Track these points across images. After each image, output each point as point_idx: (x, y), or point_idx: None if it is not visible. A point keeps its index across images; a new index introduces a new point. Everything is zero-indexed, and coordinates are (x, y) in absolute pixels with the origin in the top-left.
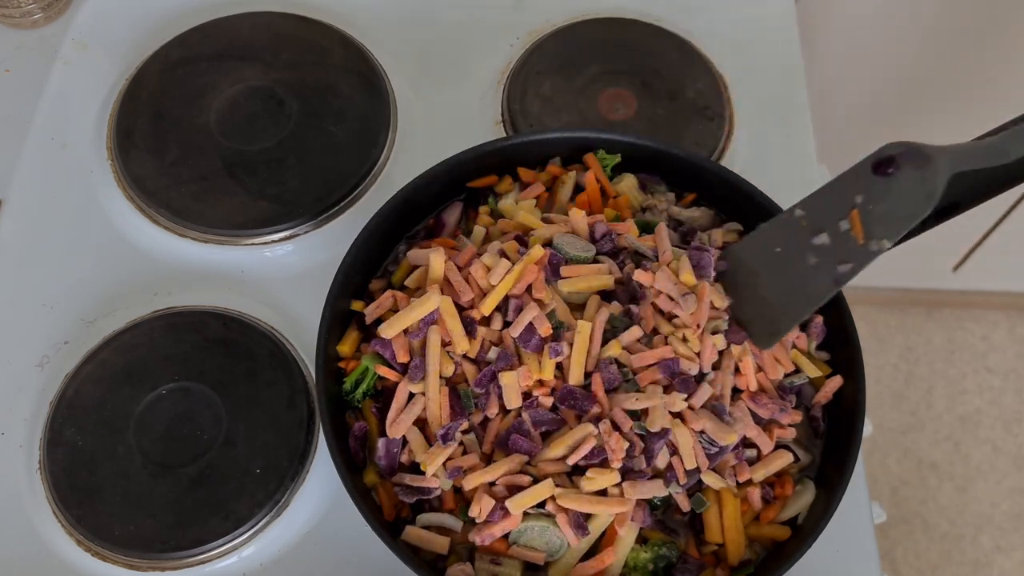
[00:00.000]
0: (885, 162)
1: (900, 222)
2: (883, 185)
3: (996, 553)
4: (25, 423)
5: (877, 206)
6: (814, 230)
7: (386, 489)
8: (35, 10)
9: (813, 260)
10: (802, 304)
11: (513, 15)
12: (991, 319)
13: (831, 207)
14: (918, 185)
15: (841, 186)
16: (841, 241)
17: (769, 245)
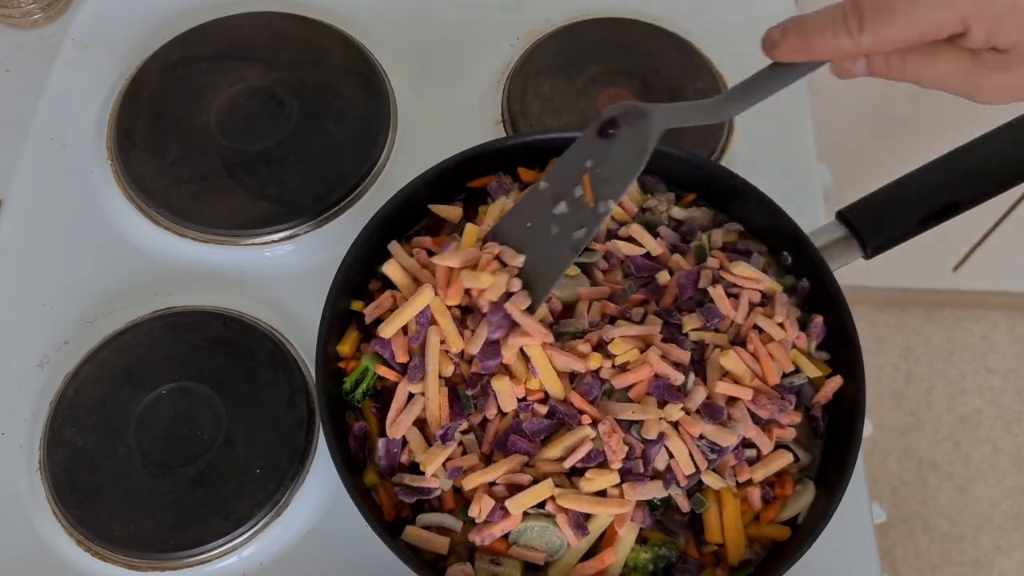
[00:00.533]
0: (608, 123)
1: (621, 180)
2: (607, 147)
3: (996, 553)
4: (25, 423)
5: (603, 168)
6: (556, 199)
7: (386, 489)
8: (35, 10)
9: (556, 230)
10: (549, 275)
11: (513, 15)
12: (991, 319)
13: (568, 176)
14: (633, 142)
15: (575, 153)
16: (577, 207)
17: (523, 221)
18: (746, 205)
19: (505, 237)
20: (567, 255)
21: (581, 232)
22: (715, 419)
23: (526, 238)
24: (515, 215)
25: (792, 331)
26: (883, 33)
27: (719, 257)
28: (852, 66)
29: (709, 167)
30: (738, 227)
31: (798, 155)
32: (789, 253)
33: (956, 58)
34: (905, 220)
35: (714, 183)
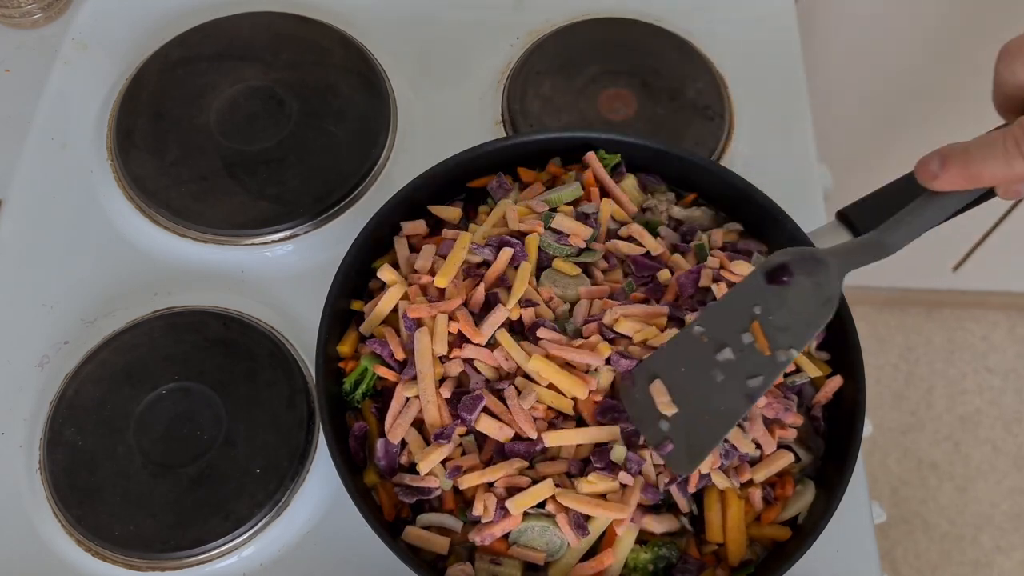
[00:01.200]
0: (778, 270)
1: (804, 329)
2: (779, 294)
3: (996, 553)
4: (25, 423)
5: (777, 316)
6: (717, 346)
7: (386, 489)
8: (35, 10)
9: (720, 377)
10: (719, 424)
11: (513, 15)
12: (991, 319)
13: (730, 321)
14: (815, 291)
15: (737, 299)
16: (746, 355)
17: (675, 364)
18: (746, 205)
19: (655, 376)
20: (742, 403)
21: (757, 381)
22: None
23: (680, 381)
24: (667, 356)
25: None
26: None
27: (719, 256)
28: (1021, 187)
29: (709, 167)
30: (738, 227)
31: (798, 155)
32: None
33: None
34: None
35: (714, 183)
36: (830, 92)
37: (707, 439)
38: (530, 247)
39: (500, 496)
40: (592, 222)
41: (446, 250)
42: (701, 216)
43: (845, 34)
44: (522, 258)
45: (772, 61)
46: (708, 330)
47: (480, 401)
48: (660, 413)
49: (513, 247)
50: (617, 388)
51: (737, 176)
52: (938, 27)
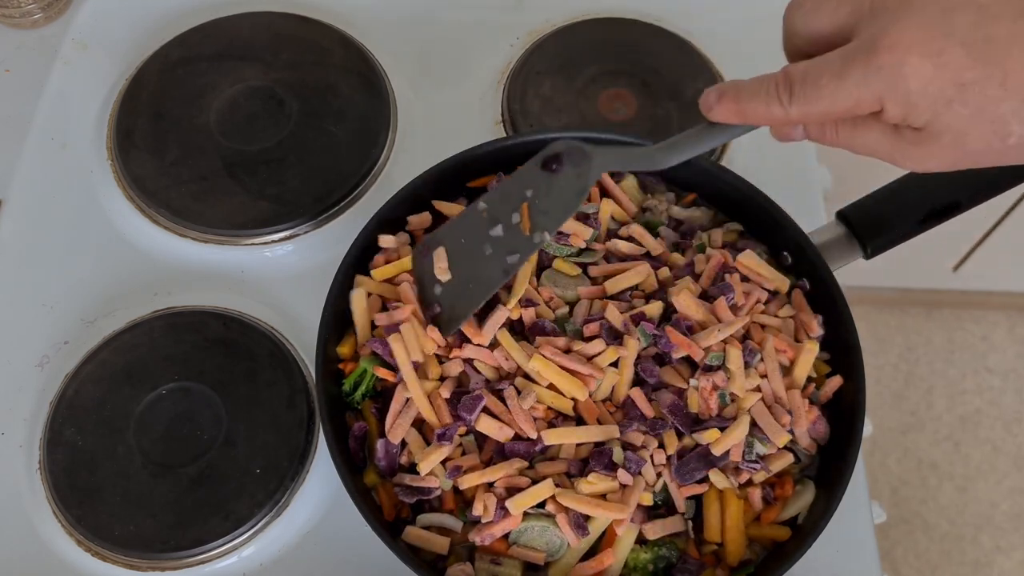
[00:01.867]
0: (552, 158)
1: (558, 215)
2: (549, 180)
3: (996, 553)
4: (25, 423)
5: (543, 200)
6: (492, 222)
7: (386, 489)
8: (35, 10)
9: (489, 250)
10: (478, 292)
11: (513, 15)
12: (991, 319)
13: (508, 200)
14: (574, 181)
15: (517, 181)
16: (513, 233)
17: (457, 236)
18: (746, 205)
19: (440, 245)
20: (498, 278)
21: (515, 258)
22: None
23: (459, 252)
24: (452, 228)
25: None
26: (810, 107)
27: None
28: (791, 131)
29: (708, 167)
30: (738, 227)
31: (798, 155)
32: (789, 253)
33: (880, 131)
34: (905, 220)
35: (714, 183)
36: None
37: (466, 306)
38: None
39: (500, 496)
40: (592, 222)
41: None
42: (701, 216)
43: None
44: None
45: (772, 61)
46: (489, 207)
47: (480, 401)
48: (436, 278)
49: None
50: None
51: (738, 176)
52: None
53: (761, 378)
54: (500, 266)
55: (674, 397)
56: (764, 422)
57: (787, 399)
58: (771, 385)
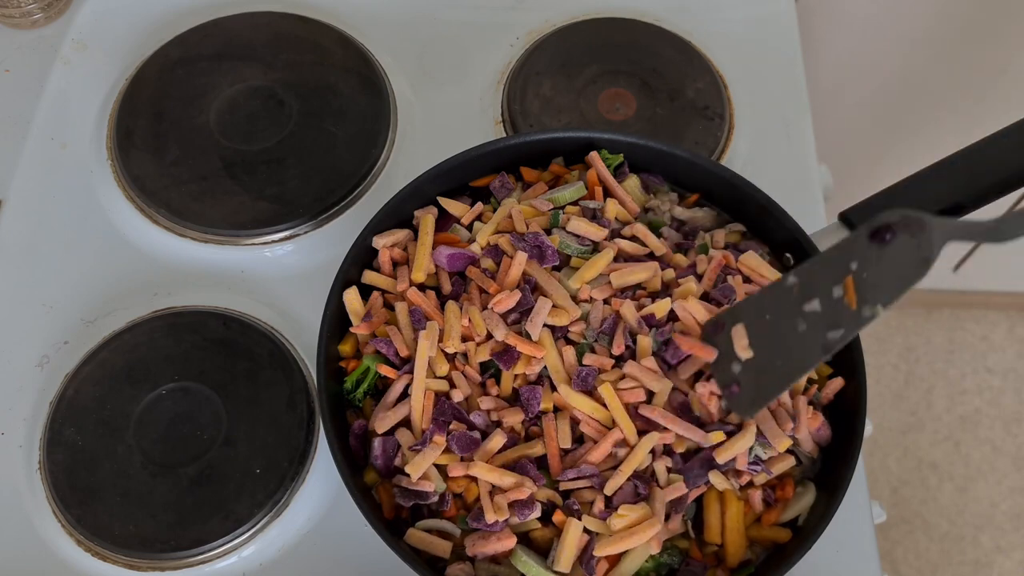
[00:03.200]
0: (882, 229)
1: (895, 286)
2: (878, 251)
3: (996, 553)
4: (25, 423)
5: (871, 272)
6: (806, 297)
7: (386, 488)
8: (35, 10)
9: (803, 327)
10: (789, 371)
11: (513, 15)
12: (991, 319)
13: (825, 274)
14: (913, 251)
15: (837, 254)
16: (832, 307)
17: (761, 312)
18: (748, 206)
19: (740, 321)
20: (816, 353)
21: (837, 333)
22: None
23: (762, 328)
24: (756, 303)
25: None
26: None
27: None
28: None
29: (711, 167)
30: (740, 227)
31: (798, 155)
32: (791, 254)
33: None
34: None
35: (716, 183)
36: (830, 92)
37: (774, 386)
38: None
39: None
40: (600, 218)
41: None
42: (704, 217)
43: (845, 34)
44: (553, 260)
45: (772, 61)
46: (801, 281)
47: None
48: (736, 355)
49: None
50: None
51: (739, 177)
52: (938, 26)
53: None
54: (818, 342)
55: (683, 396)
56: (766, 427)
57: (790, 404)
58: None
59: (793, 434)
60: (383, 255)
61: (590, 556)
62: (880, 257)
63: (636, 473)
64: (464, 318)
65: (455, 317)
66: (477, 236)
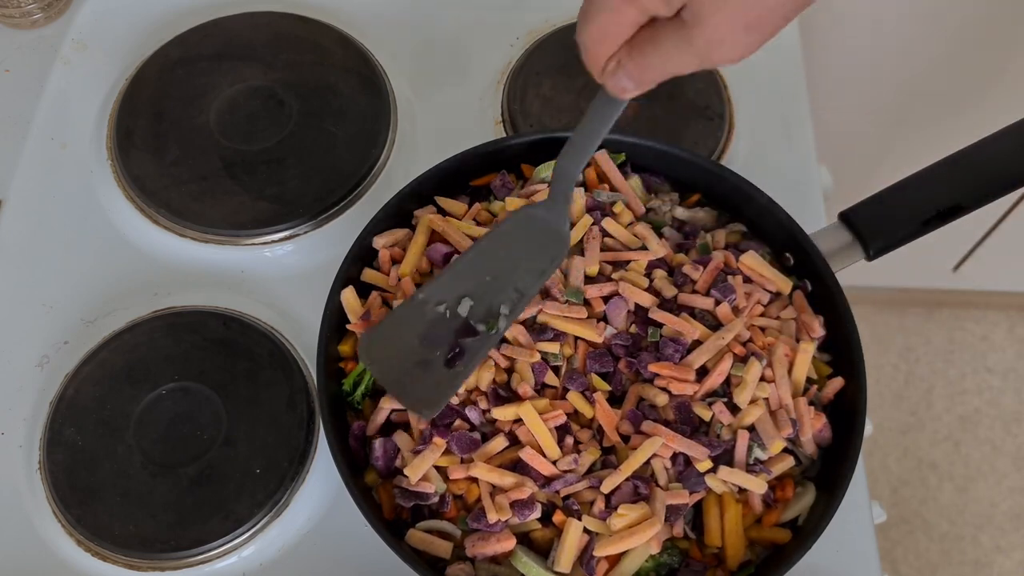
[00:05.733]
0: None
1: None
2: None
3: (996, 553)
4: (25, 423)
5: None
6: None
7: (386, 489)
8: (35, 10)
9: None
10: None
11: (513, 15)
12: (991, 319)
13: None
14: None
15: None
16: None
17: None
18: (748, 206)
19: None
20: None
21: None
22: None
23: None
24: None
25: (817, 329)
26: (587, 29)
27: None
28: (615, 78)
29: (711, 167)
30: (741, 227)
31: (798, 155)
32: (791, 254)
33: (671, 30)
34: (908, 222)
35: (716, 183)
36: (830, 92)
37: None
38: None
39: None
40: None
41: (434, 254)
42: (704, 217)
43: (845, 34)
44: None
45: (772, 61)
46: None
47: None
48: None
49: None
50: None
51: (739, 177)
52: (938, 28)
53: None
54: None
55: (684, 396)
56: (762, 428)
57: (792, 406)
58: (778, 392)
59: (794, 436)
60: (383, 255)
61: (590, 556)
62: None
63: (635, 473)
64: None
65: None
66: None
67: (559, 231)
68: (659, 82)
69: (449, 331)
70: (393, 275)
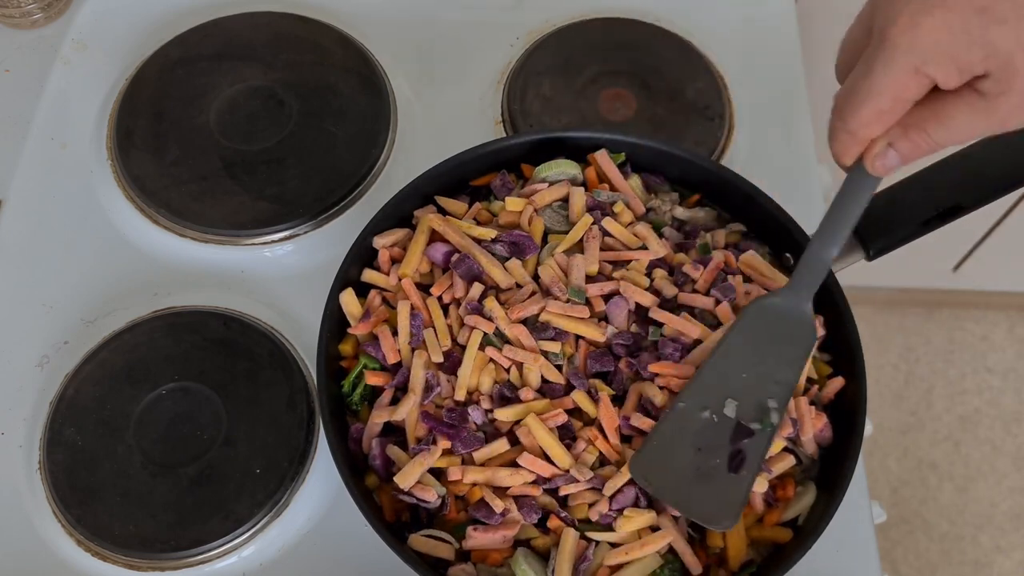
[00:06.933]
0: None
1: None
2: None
3: (996, 553)
4: (25, 423)
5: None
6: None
7: (386, 491)
8: (35, 10)
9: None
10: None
11: (513, 15)
12: (991, 319)
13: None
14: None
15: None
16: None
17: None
18: (748, 206)
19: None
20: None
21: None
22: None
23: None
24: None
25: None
26: (858, 114)
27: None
28: (885, 159)
29: (711, 167)
30: (741, 227)
31: (798, 155)
32: (791, 254)
33: (961, 104)
34: (908, 222)
35: (716, 183)
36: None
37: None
38: (536, 232)
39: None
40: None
41: (435, 253)
42: (704, 217)
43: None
44: (534, 250)
45: (772, 61)
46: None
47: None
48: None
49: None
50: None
51: (739, 177)
52: None
53: None
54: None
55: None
56: None
57: (791, 407)
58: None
59: (795, 436)
60: (383, 255)
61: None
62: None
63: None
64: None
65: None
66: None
67: (802, 318)
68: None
69: (722, 436)
70: (393, 275)
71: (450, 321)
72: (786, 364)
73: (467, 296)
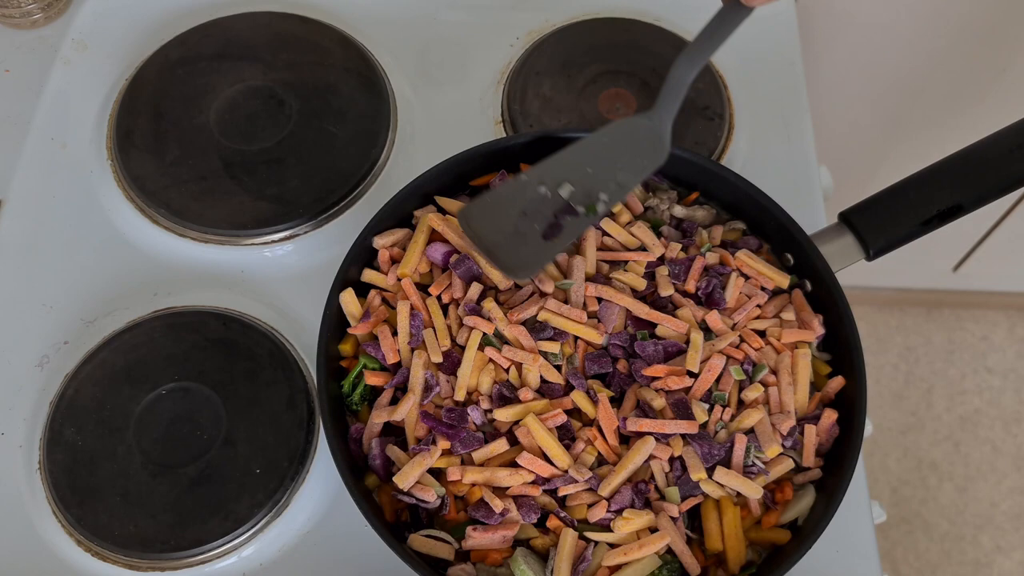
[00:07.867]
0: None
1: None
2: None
3: (996, 553)
4: (25, 423)
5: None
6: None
7: (386, 491)
8: (35, 10)
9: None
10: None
11: (513, 15)
12: (991, 319)
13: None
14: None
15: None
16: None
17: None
18: (747, 206)
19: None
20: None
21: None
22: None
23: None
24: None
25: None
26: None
27: (719, 252)
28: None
29: (711, 167)
30: (741, 226)
31: (798, 155)
32: (791, 254)
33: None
34: (908, 222)
35: (716, 183)
36: (830, 92)
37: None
38: None
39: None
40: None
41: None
42: (703, 215)
43: (845, 35)
44: None
45: (772, 61)
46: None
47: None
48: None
49: None
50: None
51: (739, 177)
52: (937, 27)
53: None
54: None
55: (681, 394)
56: (759, 430)
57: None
58: (782, 398)
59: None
60: (383, 255)
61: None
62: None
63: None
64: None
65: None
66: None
67: (660, 138)
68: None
69: (549, 210)
70: (393, 275)
71: (449, 321)
72: (631, 172)
73: (466, 297)
